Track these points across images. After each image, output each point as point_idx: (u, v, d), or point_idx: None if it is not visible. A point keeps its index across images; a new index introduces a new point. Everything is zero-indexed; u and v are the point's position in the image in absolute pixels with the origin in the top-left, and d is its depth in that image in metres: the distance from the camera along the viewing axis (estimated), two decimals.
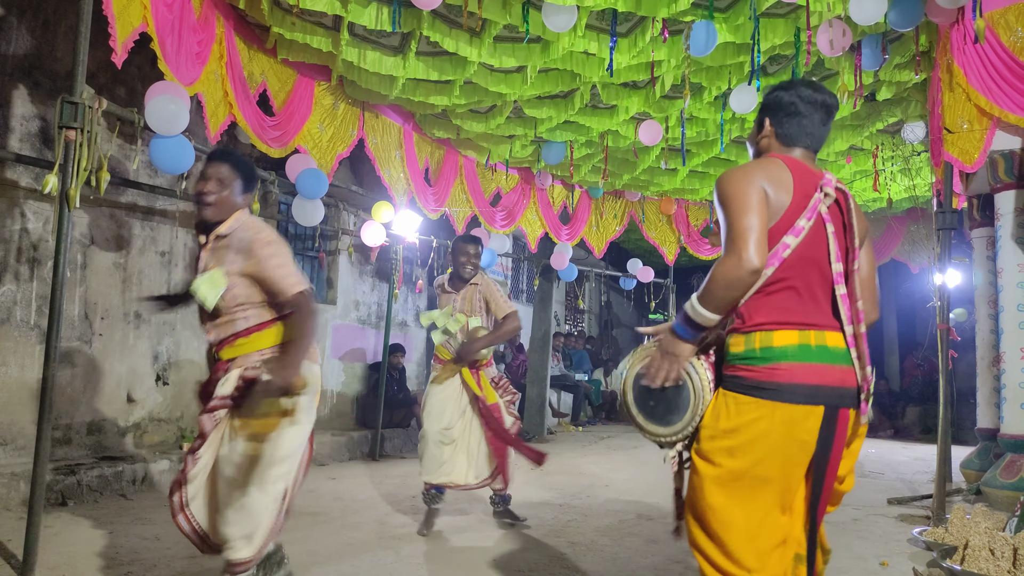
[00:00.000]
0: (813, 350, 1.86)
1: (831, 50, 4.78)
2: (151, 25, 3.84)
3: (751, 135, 2.16)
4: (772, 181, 1.88)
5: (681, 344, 1.90)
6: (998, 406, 5.30)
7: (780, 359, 1.84)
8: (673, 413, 1.97)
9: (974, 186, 6.02)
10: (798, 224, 1.88)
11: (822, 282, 1.92)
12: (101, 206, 5.35)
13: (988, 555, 3.32)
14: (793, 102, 2.02)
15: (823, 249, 1.92)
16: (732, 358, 1.90)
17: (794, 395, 1.82)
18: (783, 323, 1.86)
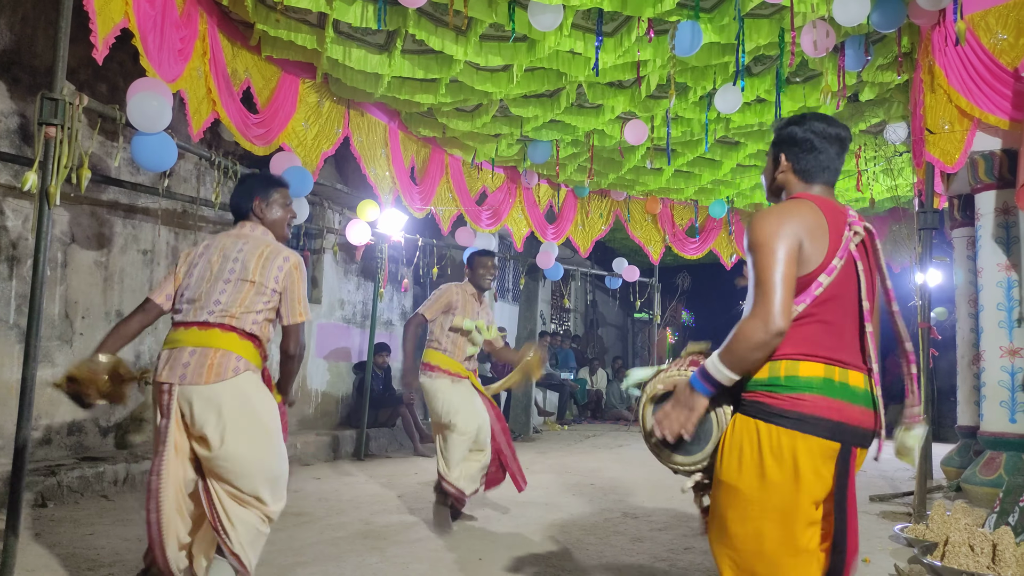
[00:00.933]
0: (837, 386, 1.86)
1: (815, 51, 4.82)
2: (133, 21, 3.80)
3: (766, 169, 2.15)
4: (808, 229, 1.87)
5: (699, 399, 1.88)
6: (978, 404, 5.37)
7: (805, 390, 1.83)
8: (695, 444, 1.97)
9: (955, 186, 6.09)
10: (833, 263, 1.88)
11: (851, 319, 1.94)
12: (82, 204, 5.28)
13: (968, 551, 3.36)
14: (808, 138, 2.01)
15: (854, 287, 1.94)
16: (754, 384, 1.88)
17: (817, 428, 1.81)
18: (810, 355, 1.86)
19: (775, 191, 2.12)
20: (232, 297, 2.63)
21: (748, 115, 6.56)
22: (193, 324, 2.61)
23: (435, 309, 4.33)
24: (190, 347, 2.57)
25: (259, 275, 2.66)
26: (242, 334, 2.63)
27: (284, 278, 2.70)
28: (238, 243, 2.75)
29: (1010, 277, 4.96)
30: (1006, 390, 4.91)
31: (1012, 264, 4.97)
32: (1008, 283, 4.96)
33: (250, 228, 2.85)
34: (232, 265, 2.68)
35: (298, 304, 2.73)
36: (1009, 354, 4.92)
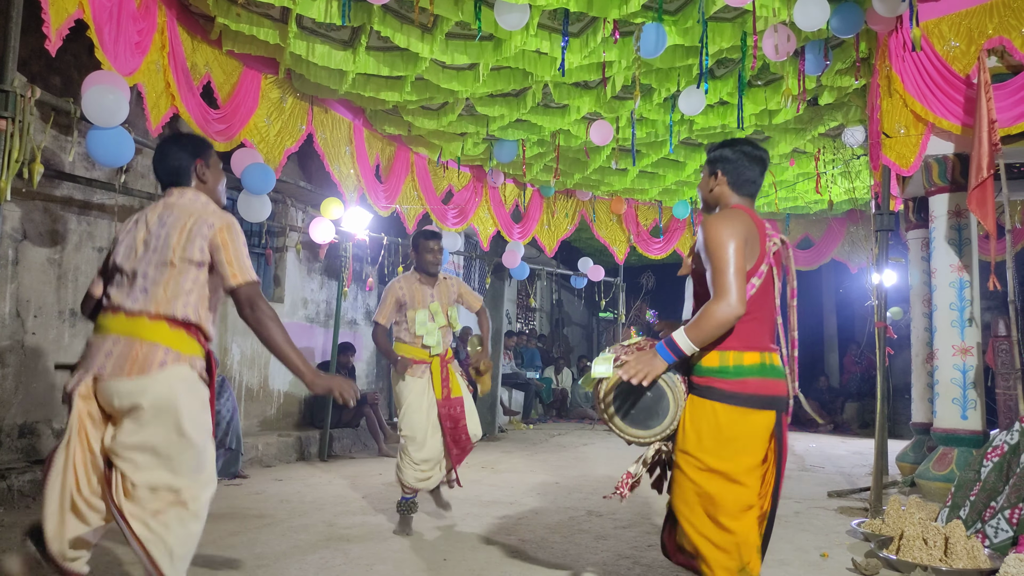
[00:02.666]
0: (768, 368, 2.36)
1: (776, 55, 4.90)
2: (87, 12, 3.70)
3: (702, 183, 2.58)
4: (748, 234, 2.33)
5: (662, 364, 2.32)
6: (931, 401, 5.51)
7: (748, 375, 2.32)
8: (652, 419, 2.38)
9: (910, 189, 6.24)
10: (761, 268, 2.36)
11: (771, 312, 2.43)
12: (34, 199, 5.13)
13: (922, 544, 3.45)
14: (738, 158, 2.48)
15: (772, 289, 2.42)
16: (707, 371, 2.34)
17: (759, 403, 2.31)
18: (750, 347, 2.34)
19: (710, 202, 2.57)
20: (156, 281, 2.33)
21: (711, 117, 6.64)
22: (120, 310, 2.34)
23: (387, 312, 4.30)
24: (114, 335, 2.32)
25: (181, 252, 2.34)
26: (172, 322, 2.33)
27: (209, 247, 2.36)
28: (163, 216, 2.43)
29: (962, 278, 5.10)
30: (958, 388, 5.05)
31: (964, 265, 5.11)
32: (960, 284, 5.10)
33: (178, 195, 2.49)
34: (156, 243, 2.37)
35: (231, 266, 2.35)
36: (961, 353, 5.06)
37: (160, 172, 2.55)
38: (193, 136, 2.63)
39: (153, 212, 2.45)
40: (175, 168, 2.52)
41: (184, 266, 2.34)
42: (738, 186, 2.49)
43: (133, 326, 2.31)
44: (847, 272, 12.55)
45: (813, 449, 9.11)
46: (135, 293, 2.34)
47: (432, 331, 4.25)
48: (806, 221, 11.27)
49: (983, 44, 4.81)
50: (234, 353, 7.08)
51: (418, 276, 4.35)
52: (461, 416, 4.31)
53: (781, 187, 9.23)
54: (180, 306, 2.34)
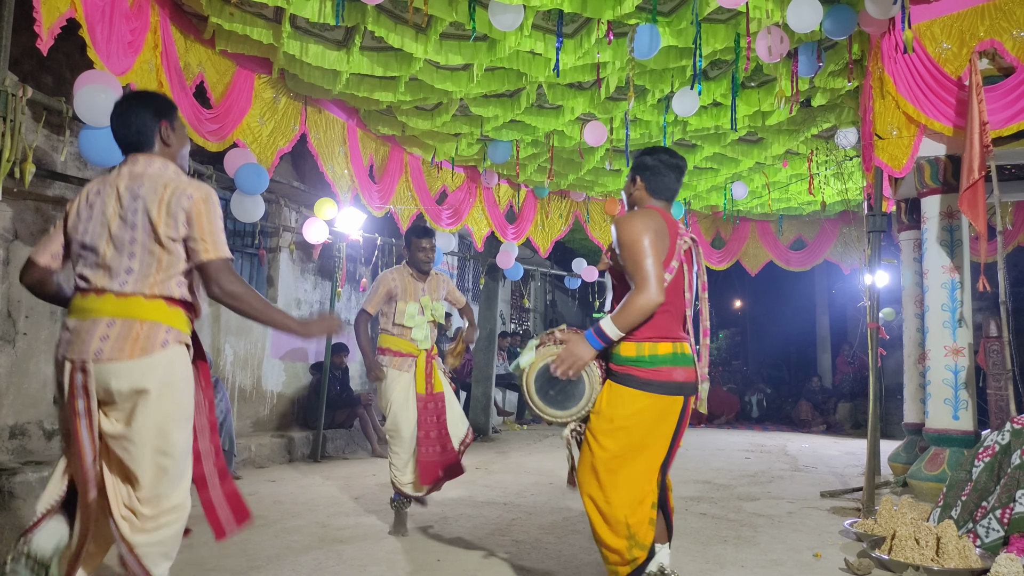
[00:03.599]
0: (679, 356, 2.60)
1: (769, 56, 4.92)
2: (79, 11, 3.68)
3: (625, 186, 2.83)
4: (659, 230, 2.55)
5: (590, 351, 2.55)
6: (923, 401, 5.54)
7: (661, 364, 2.56)
8: (570, 400, 2.64)
9: (902, 190, 6.27)
10: (672, 264, 2.59)
11: (681, 304, 2.67)
12: (26, 199, 5.10)
13: (914, 544, 3.47)
14: (656, 165, 2.73)
15: (683, 283, 2.67)
16: (624, 360, 2.58)
17: (669, 389, 2.56)
18: (663, 337, 2.58)
19: (631, 205, 2.81)
20: (146, 262, 2.20)
21: (705, 118, 6.66)
22: (108, 291, 2.19)
23: (376, 302, 4.31)
24: (107, 317, 2.17)
25: (165, 229, 2.20)
26: (170, 301, 2.23)
27: (186, 219, 2.21)
28: (134, 187, 2.24)
29: (954, 279, 5.13)
30: (950, 388, 5.07)
31: (956, 266, 5.14)
32: (952, 284, 5.12)
33: (144, 163, 2.31)
34: (133, 219, 2.21)
35: (204, 240, 2.21)
36: (953, 353, 5.08)
37: (120, 134, 2.34)
38: (156, 95, 2.43)
39: (119, 181, 2.27)
40: (138, 130, 2.32)
41: (172, 245, 2.21)
42: (655, 191, 2.74)
43: (129, 306, 2.19)
44: (840, 273, 12.60)
45: (806, 449, 9.14)
46: (120, 274, 2.20)
47: (421, 324, 4.27)
48: (799, 222, 11.31)
49: (975, 46, 4.84)
50: (227, 354, 7.06)
51: (410, 271, 4.37)
52: (443, 411, 4.27)
53: (774, 188, 9.26)
54: (175, 285, 2.24)
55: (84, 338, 2.17)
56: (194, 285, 2.30)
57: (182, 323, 2.26)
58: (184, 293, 2.26)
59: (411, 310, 4.25)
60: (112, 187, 2.27)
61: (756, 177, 8.88)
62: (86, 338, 2.16)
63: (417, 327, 4.26)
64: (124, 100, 2.36)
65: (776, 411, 13.66)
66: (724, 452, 8.67)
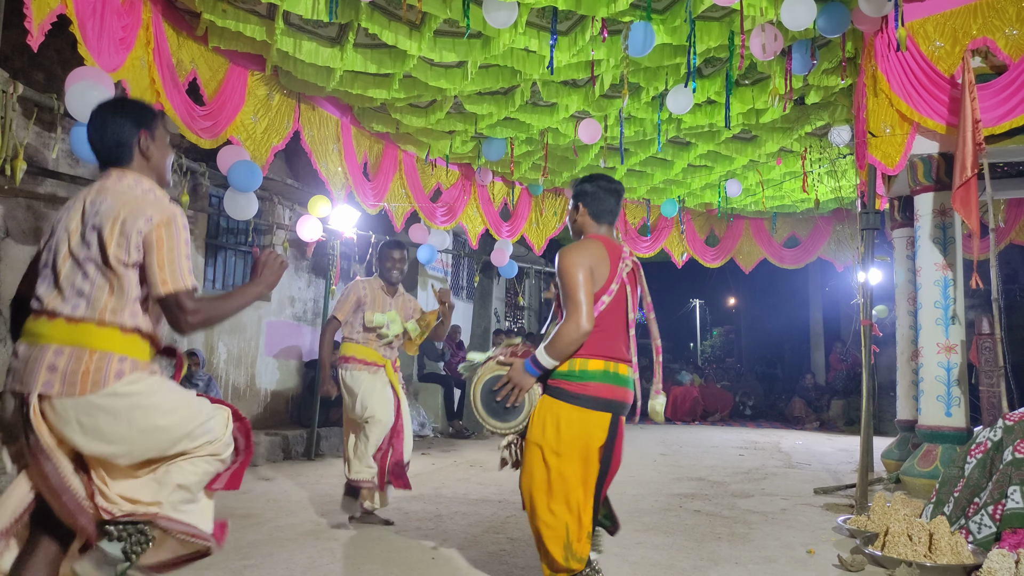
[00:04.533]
0: (611, 375, 2.74)
1: (763, 54, 4.92)
2: (70, 7, 3.66)
3: (569, 213, 3.02)
4: (596, 261, 2.74)
5: (529, 378, 2.76)
6: (916, 398, 5.56)
7: (591, 379, 2.72)
8: (510, 414, 2.83)
9: (895, 188, 6.29)
10: (611, 287, 2.76)
11: (621, 326, 2.81)
12: (17, 196, 5.07)
13: (906, 540, 3.48)
14: (596, 191, 2.92)
15: (624, 304, 2.82)
16: (557, 375, 2.75)
17: (597, 404, 2.71)
18: (595, 355, 2.73)
19: (574, 230, 3.00)
20: (99, 285, 1.99)
21: (699, 116, 6.66)
22: (59, 315, 1.97)
23: (346, 309, 4.29)
24: (56, 344, 1.95)
25: (116, 250, 1.97)
26: (124, 329, 2.00)
27: (143, 244, 1.98)
28: (97, 201, 2.05)
29: (946, 276, 5.14)
30: (942, 385, 5.09)
31: (948, 264, 5.15)
32: (945, 282, 5.14)
33: (115, 178, 2.10)
34: (89, 236, 2.00)
35: (161, 270, 1.97)
36: (945, 350, 5.10)
37: (97, 147, 2.15)
38: (136, 102, 2.23)
39: (88, 197, 2.08)
40: (114, 142, 2.12)
41: (122, 269, 1.99)
42: (597, 216, 2.94)
43: (79, 334, 1.97)
44: (833, 270, 12.64)
45: (799, 446, 9.17)
46: (71, 297, 1.99)
47: (389, 336, 4.29)
48: (793, 220, 11.34)
49: (967, 44, 4.85)
50: (220, 352, 7.04)
51: (381, 283, 4.40)
52: (401, 429, 4.35)
53: (768, 186, 9.28)
54: (128, 316, 2.01)
55: (32, 367, 1.94)
56: (153, 315, 2.08)
57: (140, 351, 2.04)
58: (139, 323, 2.03)
59: (379, 319, 4.27)
60: (80, 202, 2.08)
61: (750, 175, 8.90)
62: (33, 368, 1.94)
63: (389, 328, 4.27)
64: (99, 110, 2.17)
65: (770, 408, 13.70)
66: (718, 449, 8.69)
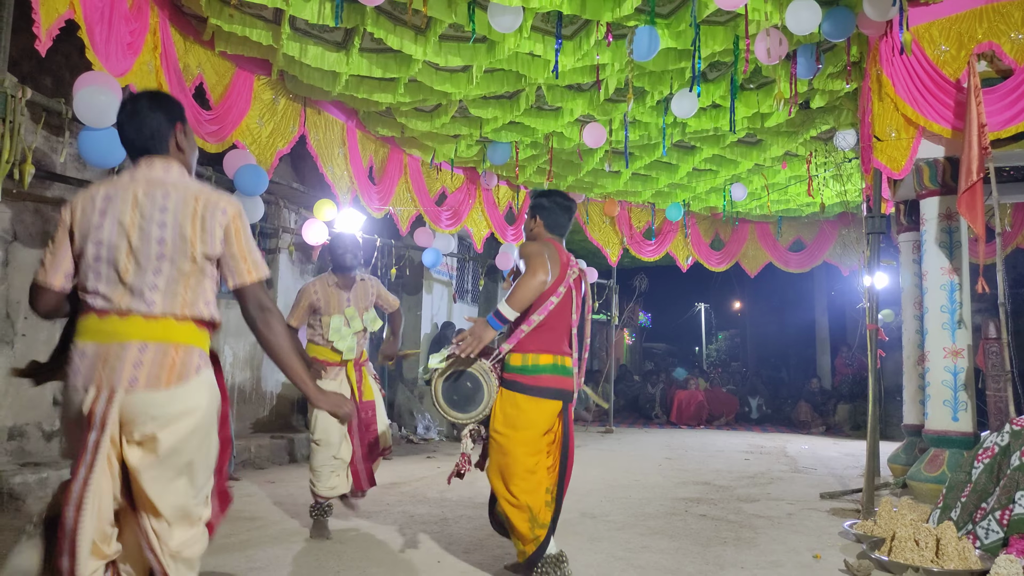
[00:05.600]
0: (559, 367, 3.16)
1: (768, 58, 4.92)
2: (78, 12, 3.68)
3: (525, 223, 3.40)
4: (551, 257, 3.12)
5: (490, 331, 3.02)
6: (922, 403, 5.54)
7: (542, 372, 3.12)
8: (470, 404, 3.14)
9: (901, 192, 6.28)
10: (559, 289, 3.12)
11: (566, 325, 3.22)
12: (25, 200, 5.10)
13: (913, 546, 3.47)
14: (552, 206, 3.29)
15: (569, 306, 3.21)
16: (512, 369, 3.13)
17: (549, 394, 3.12)
18: (545, 350, 3.14)
19: (531, 239, 3.32)
20: (174, 279, 2.02)
21: (704, 120, 6.66)
22: (134, 312, 1.99)
23: (299, 315, 4.16)
24: (138, 341, 1.98)
25: (202, 247, 2.02)
26: (199, 322, 2.07)
27: (224, 237, 2.05)
28: (156, 195, 2.04)
29: (953, 280, 5.13)
30: (949, 389, 5.07)
31: (955, 268, 5.14)
32: (951, 286, 5.12)
33: (163, 169, 2.09)
34: (161, 233, 2.01)
35: (243, 261, 2.07)
36: (952, 355, 5.08)
37: (131, 137, 2.12)
38: (169, 96, 2.24)
39: (136, 187, 2.06)
40: (152, 133, 2.11)
41: (204, 263, 2.04)
42: (551, 228, 3.31)
43: (160, 329, 2.01)
44: (839, 275, 12.61)
45: (805, 451, 9.14)
46: (144, 293, 2.00)
47: (346, 336, 4.15)
48: (798, 224, 11.32)
49: (973, 49, 4.84)
50: (227, 354, 7.05)
51: (335, 279, 4.21)
52: (372, 420, 4.27)
53: (773, 190, 9.27)
54: (203, 305, 2.07)
55: (114, 364, 1.96)
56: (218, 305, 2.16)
57: (207, 344, 2.12)
58: (212, 312, 2.10)
59: (335, 323, 4.13)
60: (127, 193, 2.04)
61: (755, 179, 8.89)
62: (116, 365, 1.96)
63: (341, 339, 4.14)
64: (135, 100, 2.15)
65: (775, 412, 13.66)
66: (723, 453, 8.67)
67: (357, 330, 4.20)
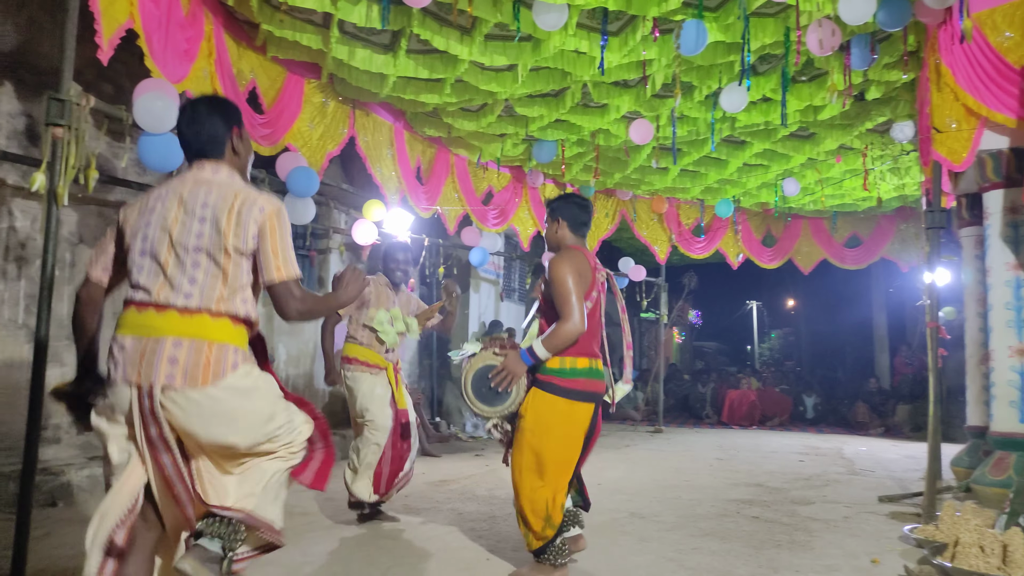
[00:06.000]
0: (593, 371, 3.26)
1: (820, 49, 4.79)
2: (137, 21, 3.81)
3: (548, 231, 3.48)
4: (582, 269, 3.22)
5: (523, 367, 3.19)
6: (987, 404, 5.33)
7: (579, 375, 3.20)
8: (499, 399, 3.25)
9: (963, 185, 6.05)
10: (592, 294, 3.27)
11: (598, 328, 3.35)
12: (89, 204, 5.30)
13: (978, 552, 3.34)
14: (570, 206, 3.41)
15: (599, 310, 3.36)
16: (549, 371, 3.20)
17: (584, 397, 3.21)
18: (582, 354, 3.22)
19: (553, 242, 3.45)
20: (212, 274, 2.07)
21: (754, 114, 6.54)
22: (169, 307, 2.04)
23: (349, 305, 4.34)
24: (173, 337, 2.01)
25: (234, 240, 2.07)
26: (235, 319, 2.10)
27: (257, 232, 2.10)
28: (199, 192, 2.11)
29: (1018, 276, 4.92)
30: (1015, 390, 4.87)
31: (1021, 263, 4.93)
32: (1017, 282, 4.92)
33: (211, 170, 2.18)
34: (200, 227, 2.07)
35: (276, 257, 2.11)
36: (1018, 354, 4.88)
37: (190, 140, 2.20)
38: (226, 100, 2.31)
39: (182, 186, 2.14)
40: (210, 136, 2.18)
41: (238, 258, 2.09)
42: (575, 227, 3.41)
43: (195, 326, 2.04)
44: (897, 271, 12.22)
45: (863, 452, 8.89)
46: (184, 286, 2.05)
47: (389, 332, 4.32)
48: (854, 219, 11.01)
49: None
50: (280, 353, 7.22)
51: (386, 280, 4.49)
52: (408, 431, 4.39)
53: (827, 184, 9.03)
54: (239, 302, 2.11)
55: (150, 360, 2.00)
56: (256, 302, 2.21)
57: (244, 341, 2.16)
58: (249, 311, 2.14)
59: (381, 316, 4.31)
60: (175, 193, 2.13)
61: (808, 173, 8.68)
62: (152, 360, 2.00)
63: (385, 334, 4.30)
64: (194, 104, 2.23)
65: (831, 413, 13.33)
66: (777, 454, 8.49)
67: (400, 330, 4.40)
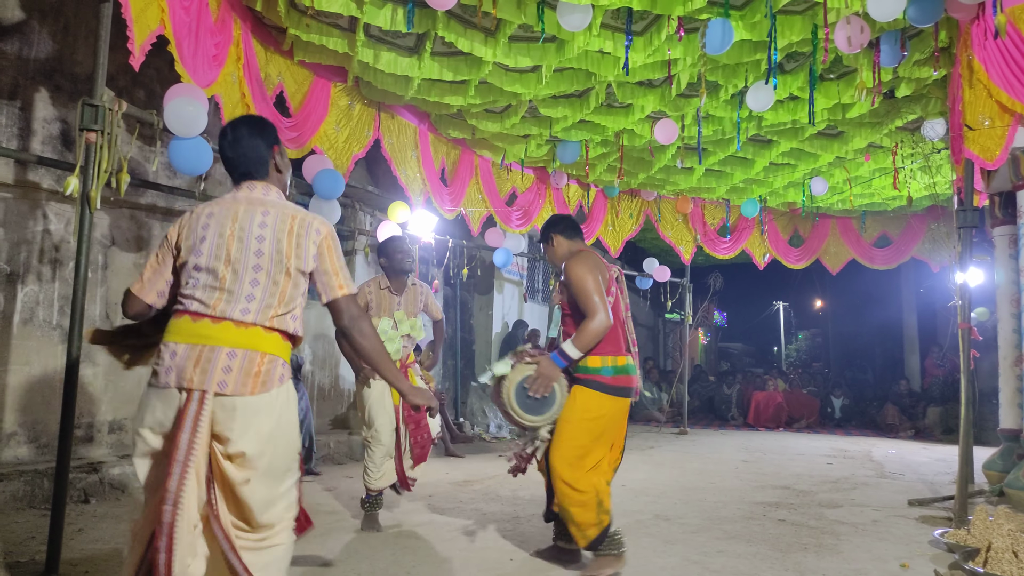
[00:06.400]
0: (630, 367, 3.44)
1: (849, 47, 4.73)
2: (168, 28, 3.88)
3: (548, 254, 3.66)
4: (599, 268, 3.38)
5: (557, 370, 3.29)
6: (1021, 406, 5.22)
7: (620, 373, 3.37)
8: (544, 407, 3.32)
9: (995, 183, 5.93)
10: (612, 290, 3.41)
11: (621, 325, 3.46)
12: (121, 207, 5.41)
13: (1011, 557, 3.28)
14: (559, 222, 3.64)
15: (619, 306, 3.49)
16: (590, 370, 3.34)
17: (625, 392, 3.39)
18: (618, 352, 3.39)
19: (558, 261, 3.58)
20: (270, 291, 2.14)
21: (781, 113, 6.47)
22: (225, 319, 2.10)
23: None
24: (228, 347, 2.08)
25: (295, 261, 2.16)
26: (285, 335, 2.18)
27: (317, 254, 2.19)
28: (255, 214, 2.17)
29: None
30: None
31: None
32: None
33: (263, 190, 2.25)
34: (259, 246, 2.14)
35: (336, 276, 2.22)
36: None
37: (234, 163, 2.27)
38: (263, 120, 2.37)
39: (236, 206, 2.20)
40: (255, 157, 2.26)
41: (298, 277, 2.18)
42: (569, 235, 3.60)
43: (249, 337, 2.11)
44: (928, 271, 12.01)
45: (892, 455, 8.75)
46: (241, 301, 2.11)
47: (394, 338, 4.30)
48: (883, 218, 10.84)
49: None
50: (307, 354, 7.29)
51: (388, 283, 4.39)
52: (422, 416, 4.37)
53: (856, 183, 8.90)
54: (290, 319, 2.19)
55: (204, 367, 2.05)
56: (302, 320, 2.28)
57: (289, 356, 2.24)
58: (297, 327, 2.21)
59: (384, 325, 4.29)
60: (229, 211, 2.19)
61: (836, 172, 8.56)
62: (207, 367, 2.05)
63: (389, 341, 4.28)
64: (235, 128, 2.29)
65: (860, 415, 13.13)
66: (804, 457, 8.39)
67: (404, 333, 4.36)
